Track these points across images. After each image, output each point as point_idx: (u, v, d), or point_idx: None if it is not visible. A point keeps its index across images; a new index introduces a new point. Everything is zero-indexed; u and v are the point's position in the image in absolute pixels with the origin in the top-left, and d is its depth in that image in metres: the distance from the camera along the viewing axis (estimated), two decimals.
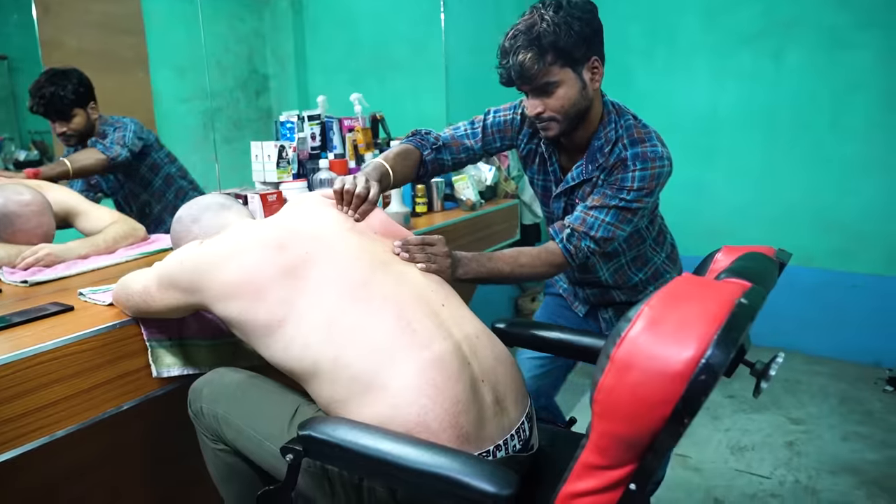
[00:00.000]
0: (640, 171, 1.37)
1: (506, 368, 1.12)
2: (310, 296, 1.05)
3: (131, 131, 2.29)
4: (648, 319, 0.70)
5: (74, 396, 1.14)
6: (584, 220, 1.39)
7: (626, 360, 0.69)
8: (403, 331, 1.02)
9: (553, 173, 1.53)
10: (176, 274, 1.14)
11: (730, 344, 0.66)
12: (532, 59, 1.28)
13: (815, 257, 3.13)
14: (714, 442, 2.44)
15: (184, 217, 1.33)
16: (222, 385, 1.18)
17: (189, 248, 1.17)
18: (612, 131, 1.42)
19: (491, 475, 0.79)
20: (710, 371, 0.65)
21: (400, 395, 0.97)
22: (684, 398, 0.65)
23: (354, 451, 0.88)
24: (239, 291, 1.06)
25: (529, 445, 1.11)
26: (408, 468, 0.84)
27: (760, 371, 0.80)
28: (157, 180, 2.46)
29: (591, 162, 1.44)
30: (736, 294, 0.72)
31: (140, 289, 1.19)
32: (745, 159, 3.22)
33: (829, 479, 2.19)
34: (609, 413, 0.71)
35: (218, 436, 1.16)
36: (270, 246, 1.09)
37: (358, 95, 2.26)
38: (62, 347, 1.12)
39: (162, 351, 1.27)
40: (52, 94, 2.18)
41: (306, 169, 2.12)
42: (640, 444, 0.70)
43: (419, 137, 1.56)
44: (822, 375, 2.99)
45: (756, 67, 3.11)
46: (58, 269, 1.56)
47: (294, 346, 1.03)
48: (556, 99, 1.33)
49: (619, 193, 1.38)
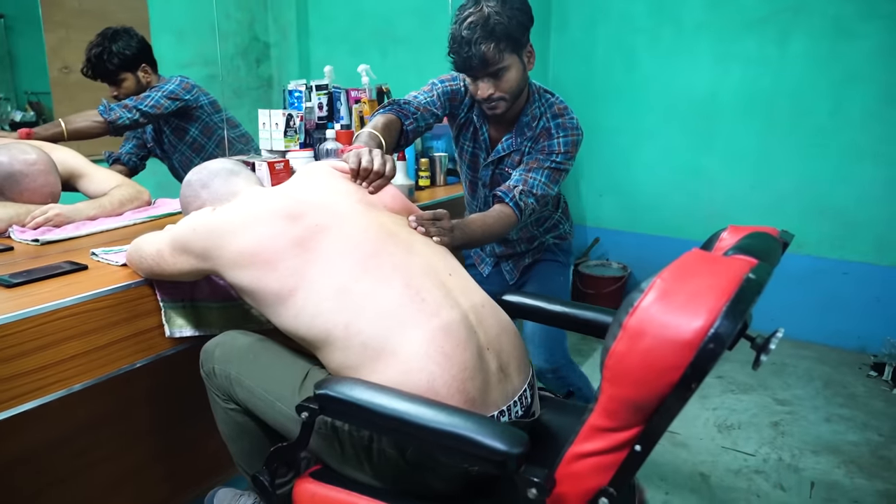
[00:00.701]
0: (563, 138, 1.62)
1: (509, 337, 1.16)
2: (321, 266, 1.07)
3: (161, 93, 2.18)
4: (660, 290, 0.74)
5: (91, 352, 1.18)
6: (525, 180, 1.59)
7: (638, 328, 0.73)
8: (412, 299, 1.05)
9: (483, 142, 1.73)
10: (189, 240, 1.16)
11: (737, 316, 0.69)
12: (493, 51, 1.45)
13: (806, 244, 3.18)
14: (702, 420, 2.51)
15: (193, 182, 1.34)
16: (234, 347, 1.21)
17: (202, 214, 1.19)
18: (538, 108, 1.65)
19: (502, 434, 0.84)
20: (719, 340, 0.68)
21: (410, 362, 1.01)
22: (693, 365, 0.69)
23: (370, 410, 0.92)
24: (251, 261, 1.08)
25: (531, 412, 1.15)
26: (422, 426, 0.87)
27: (761, 345, 0.84)
28: (209, 144, 2.37)
29: (520, 135, 1.67)
30: (744, 269, 0.76)
31: (153, 252, 1.21)
32: (743, 145, 3.24)
33: (811, 458, 2.27)
34: (619, 378, 0.75)
35: (229, 395, 1.20)
36: (283, 216, 1.11)
37: (365, 67, 2.26)
38: (79, 304, 1.16)
39: (175, 312, 1.30)
40: (98, 56, 2.11)
41: (313, 138, 2.14)
42: (647, 408, 0.74)
43: (398, 107, 1.62)
44: (808, 359, 3.06)
45: (760, 53, 3.12)
46: (67, 230, 1.58)
47: (305, 314, 1.06)
48: (506, 82, 1.52)
49: (550, 157, 1.61)
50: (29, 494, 1.33)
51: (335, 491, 1.06)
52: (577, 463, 0.83)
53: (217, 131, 2.38)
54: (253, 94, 3.78)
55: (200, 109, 2.31)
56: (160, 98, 2.18)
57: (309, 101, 2.14)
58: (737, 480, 2.13)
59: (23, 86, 2.45)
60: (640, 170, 3.53)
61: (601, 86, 3.52)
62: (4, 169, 1.61)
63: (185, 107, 2.24)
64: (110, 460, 1.46)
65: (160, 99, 2.18)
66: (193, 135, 2.34)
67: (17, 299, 1.12)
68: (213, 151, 2.38)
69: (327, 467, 1.12)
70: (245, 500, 1.38)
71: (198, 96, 2.28)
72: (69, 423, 1.36)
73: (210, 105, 2.34)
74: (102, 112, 2.07)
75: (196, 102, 2.28)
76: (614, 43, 3.48)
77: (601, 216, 3.72)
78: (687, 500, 2.02)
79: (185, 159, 2.41)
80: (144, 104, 2.14)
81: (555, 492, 0.84)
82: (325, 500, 1.07)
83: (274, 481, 1.12)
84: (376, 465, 1.05)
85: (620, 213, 3.65)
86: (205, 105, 2.32)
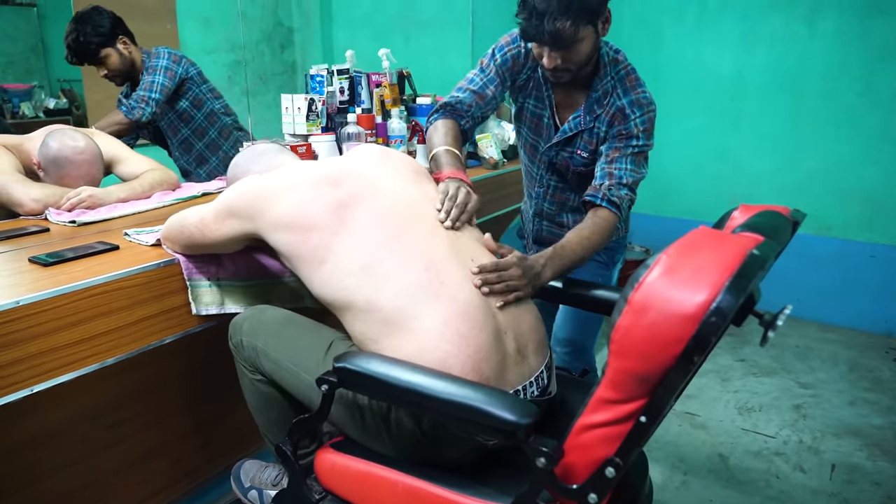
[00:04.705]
0: (640, 117, 1.48)
1: (529, 319, 1.19)
2: (349, 242, 1.12)
3: (160, 74, 2.23)
4: (665, 266, 0.76)
5: (122, 328, 1.23)
6: (610, 174, 1.47)
7: (643, 303, 0.75)
8: (432, 282, 1.09)
9: (548, 99, 1.57)
10: (235, 203, 1.21)
11: (739, 290, 0.71)
12: (570, 28, 1.31)
13: (834, 226, 3.14)
14: (722, 402, 2.52)
15: (240, 162, 1.42)
16: (261, 321, 1.26)
17: (249, 179, 1.25)
18: (609, 83, 1.50)
19: (512, 405, 0.87)
20: (721, 314, 0.70)
21: (424, 340, 1.05)
22: (695, 337, 0.71)
23: (386, 383, 0.96)
24: (290, 225, 1.14)
25: (547, 391, 1.18)
26: (435, 398, 0.91)
27: (769, 321, 0.85)
28: (199, 116, 2.41)
29: (589, 113, 1.52)
30: (749, 246, 0.77)
31: (197, 220, 1.27)
32: (770, 126, 3.20)
33: (832, 440, 2.26)
34: (625, 351, 0.78)
35: (256, 367, 1.25)
36: (324, 182, 1.17)
37: (386, 51, 2.28)
38: (111, 282, 1.21)
39: (201, 290, 1.35)
40: (75, 41, 2.15)
41: (335, 122, 2.17)
42: (652, 380, 0.77)
43: (450, 110, 1.56)
44: (833, 343, 3.03)
45: (787, 31, 3.07)
46: (101, 212, 1.64)
47: (331, 284, 1.12)
48: (576, 53, 1.38)
49: (630, 142, 1.48)
50: (69, 461, 1.40)
51: (354, 461, 1.11)
52: (585, 434, 0.86)
53: (206, 103, 2.40)
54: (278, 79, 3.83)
55: (190, 81, 2.33)
56: (163, 80, 2.23)
57: (330, 86, 2.17)
58: (756, 462, 2.14)
59: (55, 74, 2.53)
60: (664, 151, 3.48)
61: None
62: (52, 153, 1.68)
63: (180, 81, 2.28)
64: (143, 432, 1.53)
65: (163, 81, 2.23)
66: (184, 106, 2.36)
67: (54, 277, 1.18)
68: (202, 124, 2.42)
69: (348, 439, 1.16)
70: (270, 471, 1.44)
71: (187, 67, 2.31)
72: (103, 397, 1.43)
73: (198, 76, 2.36)
74: (126, 113, 2.18)
75: (186, 74, 2.31)
76: (639, 23, 3.44)
77: None
78: (705, 480, 2.04)
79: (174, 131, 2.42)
80: (154, 92, 2.21)
81: (563, 462, 0.87)
82: (344, 469, 1.12)
83: (297, 451, 1.18)
84: (394, 436, 1.09)
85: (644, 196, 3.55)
86: (194, 76, 2.34)
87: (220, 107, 2.45)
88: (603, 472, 0.84)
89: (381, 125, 2.22)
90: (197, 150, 2.47)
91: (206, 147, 2.47)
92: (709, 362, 2.80)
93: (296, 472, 1.17)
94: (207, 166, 2.51)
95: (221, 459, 1.72)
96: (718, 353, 2.90)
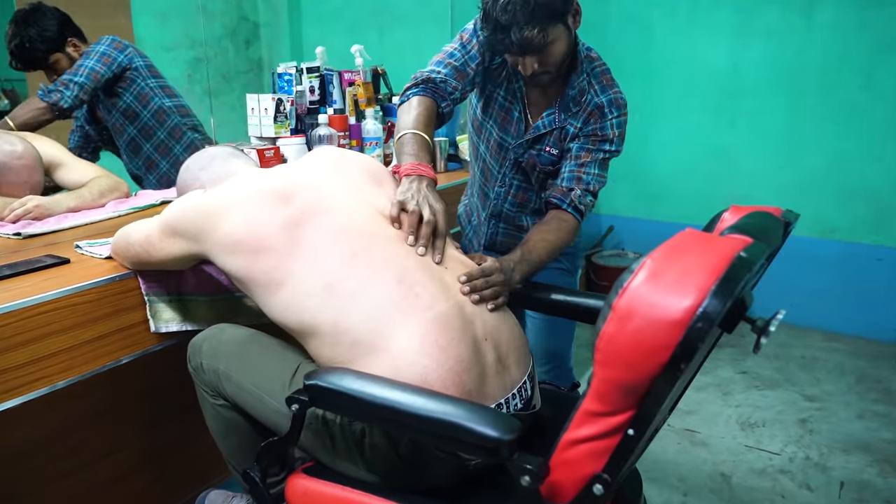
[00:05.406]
0: (616, 119, 1.53)
1: (508, 327, 1.22)
2: (307, 261, 1.11)
3: (93, 58, 2.12)
4: (650, 271, 0.79)
5: (74, 348, 1.24)
6: (579, 178, 1.53)
7: (627, 309, 0.77)
8: (405, 296, 1.10)
9: (519, 91, 1.59)
10: (179, 221, 1.21)
11: (727, 294, 0.74)
12: (539, 34, 1.35)
13: (838, 228, 3.20)
14: (724, 418, 2.55)
15: (192, 166, 1.42)
16: (222, 341, 1.27)
17: (193, 195, 1.24)
18: (585, 80, 1.55)
19: (494, 420, 0.89)
20: (707, 319, 0.73)
21: (401, 357, 1.06)
22: (682, 344, 0.74)
23: (361, 400, 0.97)
24: (240, 245, 1.13)
25: (531, 405, 1.20)
26: (413, 415, 0.93)
27: (761, 327, 0.87)
28: (145, 113, 2.30)
29: (564, 110, 1.56)
30: (736, 248, 0.80)
31: (141, 237, 1.26)
32: (768, 122, 3.26)
33: (841, 456, 2.30)
34: (610, 360, 0.80)
35: (218, 391, 1.26)
36: (273, 197, 1.15)
37: (359, 47, 2.31)
38: (62, 298, 1.21)
39: (161, 306, 1.36)
40: (18, 47, 2.07)
41: (304, 124, 2.19)
42: (639, 390, 0.79)
43: (433, 88, 1.52)
44: (840, 352, 3.09)
45: (784, 23, 3.14)
46: (49, 223, 1.64)
47: (291, 309, 1.12)
48: (552, 55, 1.42)
49: (602, 145, 1.54)
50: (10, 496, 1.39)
51: (329, 486, 1.12)
52: (571, 449, 0.88)
53: (154, 98, 2.29)
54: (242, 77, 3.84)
55: (135, 72, 2.23)
56: (94, 64, 2.11)
57: (300, 85, 2.20)
58: (760, 480, 2.17)
59: None
60: (656, 152, 3.56)
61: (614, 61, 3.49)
62: None
63: (121, 69, 2.18)
64: (97, 462, 1.52)
65: (94, 65, 2.11)
66: (127, 101, 2.25)
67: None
68: (148, 122, 2.31)
69: (320, 463, 1.17)
70: (237, 501, 1.44)
71: (132, 57, 2.21)
72: (53, 422, 1.42)
73: (146, 69, 2.26)
74: (42, 96, 2.04)
75: (130, 63, 2.21)
76: (628, 18, 3.50)
77: (615, 203, 3.75)
78: (706, 501, 2.07)
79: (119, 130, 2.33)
80: (79, 75, 2.08)
81: (549, 479, 0.89)
82: (318, 496, 1.12)
83: (265, 478, 1.18)
84: (369, 460, 1.10)
85: (636, 199, 3.69)
86: (140, 67, 2.24)
87: (171, 105, 2.35)
88: (591, 490, 0.86)
89: (355, 126, 2.25)
90: (145, 152, 2.38)
91: (154, 149, 2.37)
92: (709, 375, 2.84)
93: (266, 500, 1.18)
94: (157, 171, 2.42)
95: (184, 490, 1.71)
96: (719, 366, 2.94)
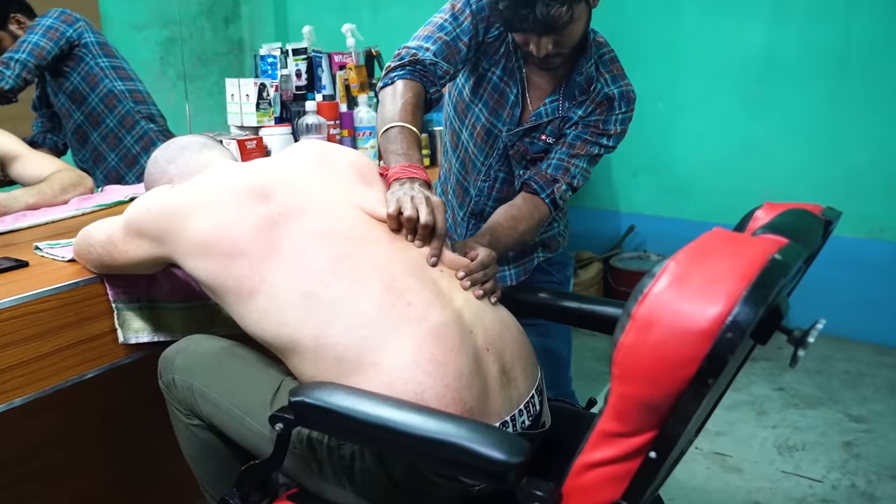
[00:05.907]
0: (622, 114, 1.57)
1: (512, 335, 1.22)
2: (283, 267, 1.11)
3: (38, 32, 2.07)
4: (674, 275, 0.79)
5: (33, 361, 1.24)
6: (567, 170, 1.55)
7: (648, 318, 0.77)
8: (395, 304, 1.10)
9: (518, 71, 1.58)
10: (143, 220, 1.21)
11: (759, 301, 0.74)
12: (567, 11, 1.35)
13: (889, 228, 3.19)
14: (759, 440, 2.55)
15: (159, 158, 1.41)
16: (197, 354, 1.27)
17: (158, 191, 1.24)
18: (593, 66, 1.56)
19: (499, 441, 0.89)
20: (738, 329, 0.73)
21: (394, 373, 1.05)
22: (709, 357, 0.73)
23: (352, 418, 0.97)
24: (208, 250, 1.13)
25: (540, 422, 1.20)
26: (410, 435, 0.92)
27: (798, 338, 0.87)
28: (93, 97, 2.24)
29: (569, 98, 1.58)
30: (770, 250, 0.80)
31: (104, 238, 1.27)
32: (806, 112, 3.25)
33: (891, 484, 2.30)
34: (629, 374, 0.80)
35: (192, 410, 1.25)
36: (248, 195, 1.15)
37: (351, 26, 2.32)
38: (19, 306, 1.22)
39: (130, 314, 1.36)
40: None
41: (290, 112, 2.19)
42: (661, 408, 0.79)
43: (421, 70, 1.48)
44: (889, 367, 3.08)
45: (825, 2, 3.14)
46: (6, 222, 1.65)
47: (267, 320, 1.11)
48: (570, 36, 1.43)
49: (601, 139, 1.57)
50: None
51: None
52: (586, 474, 0.88)
53: (103, 80, 2.24)
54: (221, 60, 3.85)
55: (84, 49, 2.19)
56: (38, 39, 2.06)
57: (285, 69, 2.20)
58: None
59: None
60: (682, 144, 3.56)
61: (636, 46, 3.54)
62: None
63: (69, 45, 2.13)
64: (60, 487, 1.53)
65: (39, 40, 2.06)
66: (74, 82, 2.21)
67: None
68: (96, 107, 2.26)
69: (305, 490, 1.17)
70: None
71: (82, 32, 2.17)
72: (11, 444, 1.43)
73: (98, 46, 2.22)
74: None
75: (79, 39, 2.16)
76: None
77: (637, 200, 3.75)
78: None
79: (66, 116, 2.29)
80: (21, 51, 2.03)
81: None
82: None
83: None
84: (360, 486, 1.10)
85: (659, 196, 3.68)
86: (90, 44, 2.19)
87: (123, 88, 2.29)
88: None
89: (347, 114, 2.25)
90: (92, 141, 2.32)
91: (102, 139, 2.31)
92: (741, 392, 2.84)
93: None
94: (105, 165, 2.37)
95: None
96: (753, 382, 2.94)
